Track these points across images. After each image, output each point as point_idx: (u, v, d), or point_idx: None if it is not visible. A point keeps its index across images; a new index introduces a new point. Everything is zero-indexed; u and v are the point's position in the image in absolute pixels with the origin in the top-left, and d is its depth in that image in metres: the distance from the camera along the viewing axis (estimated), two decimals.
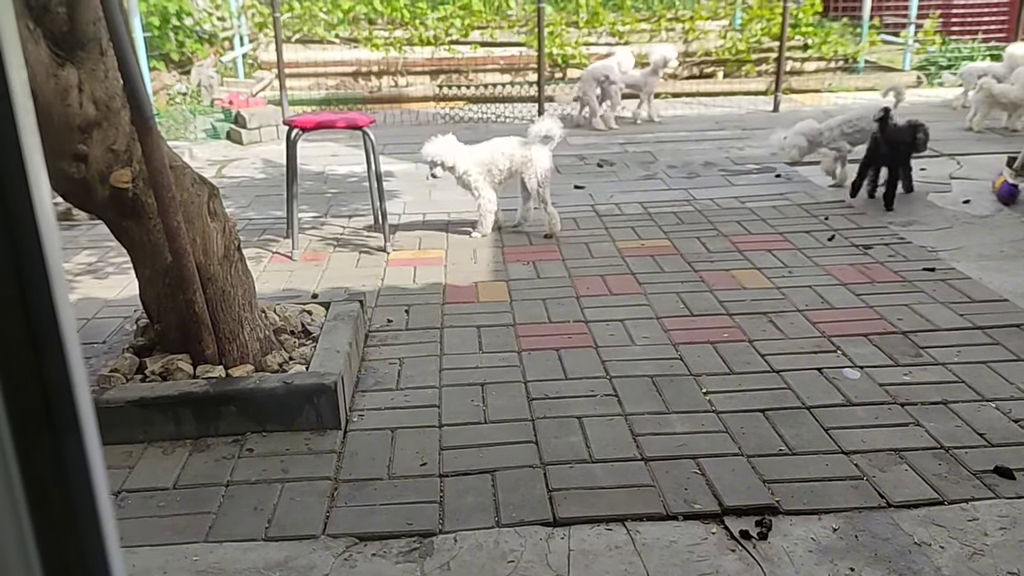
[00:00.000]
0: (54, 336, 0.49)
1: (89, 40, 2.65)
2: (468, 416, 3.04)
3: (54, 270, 0.49)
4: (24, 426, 0.49)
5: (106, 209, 2.94)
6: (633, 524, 2.43)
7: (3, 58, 0.45)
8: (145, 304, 3.20)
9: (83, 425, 0.50)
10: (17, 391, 0.49)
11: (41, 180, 0.49)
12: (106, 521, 0.52)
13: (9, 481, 0.49)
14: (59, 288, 0.49)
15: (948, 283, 4.14)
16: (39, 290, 0.48)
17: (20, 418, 0.49)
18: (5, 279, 0.47)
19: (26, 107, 0.47)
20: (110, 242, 4.25)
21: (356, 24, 10.51)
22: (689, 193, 5.86)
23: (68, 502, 0.51)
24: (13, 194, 0.47)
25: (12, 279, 0.47)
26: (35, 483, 0.50)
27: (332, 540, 2.40)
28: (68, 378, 0.49)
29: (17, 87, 0.46)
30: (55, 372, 0.49)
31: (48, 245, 0.48)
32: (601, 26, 10.64)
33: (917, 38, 10.40)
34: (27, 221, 0.47)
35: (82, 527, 0.52)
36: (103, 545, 0.52)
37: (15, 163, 0.47)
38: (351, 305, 3.60)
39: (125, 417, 2.87)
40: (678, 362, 3.41)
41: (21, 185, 0.47)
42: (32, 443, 0.49)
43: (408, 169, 6.68)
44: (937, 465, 2.68)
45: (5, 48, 0.46)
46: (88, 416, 0.51)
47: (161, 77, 8.95)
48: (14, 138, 0.46)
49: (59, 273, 0.49)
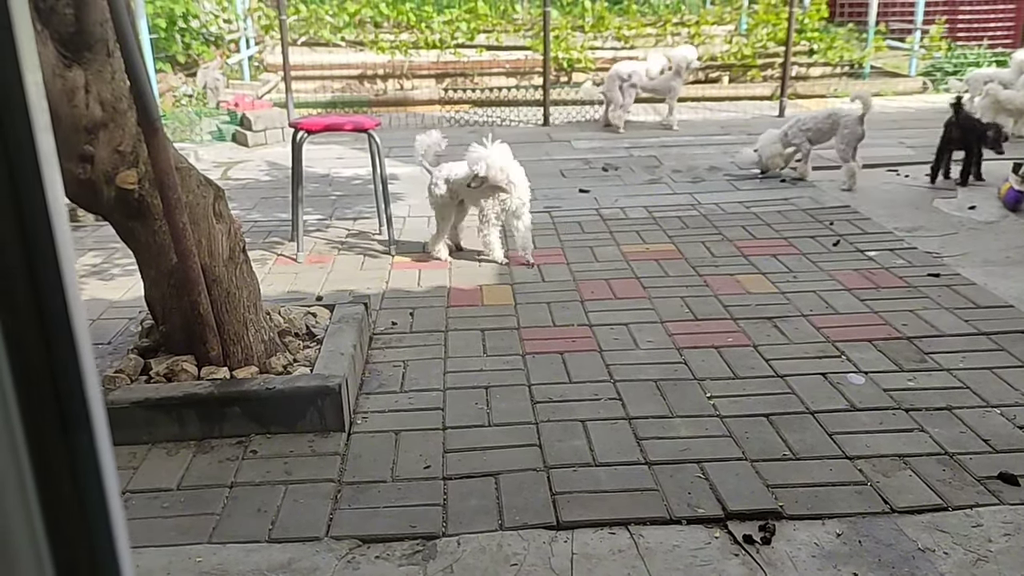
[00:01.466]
0: (67, 335, 0.49)
1: (96, 41, 2.67)
2: (472, 419, 3.05)
3: (67, 271, 0.49)
4: (37, 425, 0.49)
5: (112, 210, 2.94)
6: (636, 528, 2.43)
7: (19, 60, 0.46)
8: (150, 305, 3.20)
9: (95, 424, 0.50)
10: (30, 390, 0.49)
11: (56, 180, 0.49)
12: (117, 520, 0.52)
13: (22, 479, 0.50)
14: (72, 288, 0.49)
15: (953, 289, 4.13)
16: (52, 290, 0.48)
17: (33, 417, 0.49)
18: (19, 279, 0.48)
19: (41, 107, 0.48)
20: (115, 243, 4.26)
21: (362, 27, 10.54)
22: (694, 197, 5.86)
23: (80, 500, 0.51)
24: (28, 195, 0.47)
25: (26, 279, 0.48)
26: (48, 481, 0.50)
27: (335, 542, 2.41)
28: (81, 377, 0.50)
29: (32, 88, 0.47)
30: (68, 371, 0.49)
31: (62, 246, 0.49)
32: (607, 30, 10.65)
33: (923, 44, 10.39)
34: (41, 221, 0.48)
35: (94, 525, 0.52)
36: (114, 544, 0.53)
37: (30, 164, 0.47)
38: (355, 308, 3.60)
39: (129, 418, 2.88)
40: (682, 366, 3.40)
41: (36, 186, 0.47)
42: (45, 442, 0.49)
43: (413, 172, 6.69)
44: (941, 471, 2.67)
45: (21, 50, 0.46)
46: (100, 415, 0.51)
47: (167, 79, 8.98)
48: (29, 139, 0.46)
49: (72, 274, 0.50)
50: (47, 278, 0.48)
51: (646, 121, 8.49)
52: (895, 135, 7.51)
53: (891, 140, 7.25)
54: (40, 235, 0.48)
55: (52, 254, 0.48)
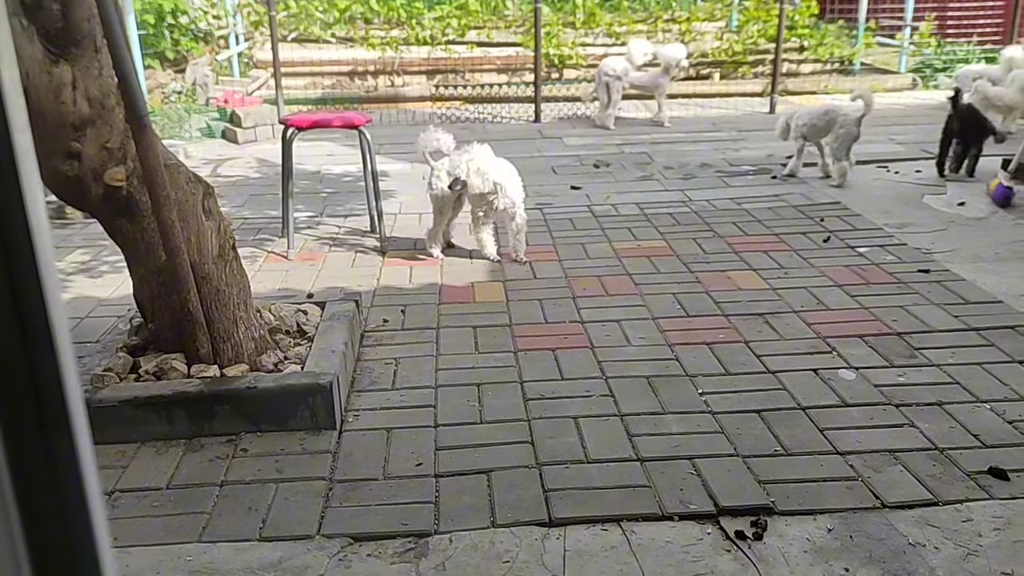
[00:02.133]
0: (44, 333, 0.48)
1: (83, 37, 2.64)
2: (464, 416, 3.04)
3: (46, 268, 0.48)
4: (13, 422, 0.48)
5: (100, 207, 2.92)
6: (629, 524, 2.43)
7: None
8: (139, 303, 3.18)
9: (73, 422, 0.50)
10: (7, 387, 0.48)
11: (33, 178, 0.48)
12: (97, 519, 0.52)
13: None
14: (50, 285, 0.48)
15: (943, 285, 4.14)
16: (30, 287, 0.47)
17: (9, 414, 0.48)
18: None
19: (18, 105, 0.46)
20: (104, 241, 4.24)
21: (352, 23, 10.50)
22: (685, 194, 5.87)
23: (58, 499, 0.50)
24: (3, 193, 0.46)
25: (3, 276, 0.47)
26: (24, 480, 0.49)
27: (327, 540, 2.40)
28: (59, 374, 0.49)
29: (9, 85, 0.46)
30: (45, 368, 0.48)
31: (40, 243, 0.48)
32: (598, 27, 10.65)
33: (913, 40, 10.43)
34: (18, 219, 0.47)
35: (72, 525, 0.51)
36: (94, 543, 0.52)
37: (6, 162, 0.46)
38: (347, 305, 3.59)
39: (118, 416, 2.86)
40: (674, 363, 3.40)
41: (12, 184, 0.46)
42: (22, 439, 0.48)
43: (404, 169, 6.68)
44: (931, 466, 2.68)
45: None
46: (79, 413, 0.50)
47: (156, 75, 8.94)
48: (6, 137, 0.45)
49: (51, 270, 0.49)
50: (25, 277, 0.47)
51: (636, 118, 8.50)
52: (885, 132, 7.53)
53: (881, 137, 7.27)
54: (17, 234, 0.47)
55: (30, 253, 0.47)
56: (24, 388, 0.48)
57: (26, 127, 0.49)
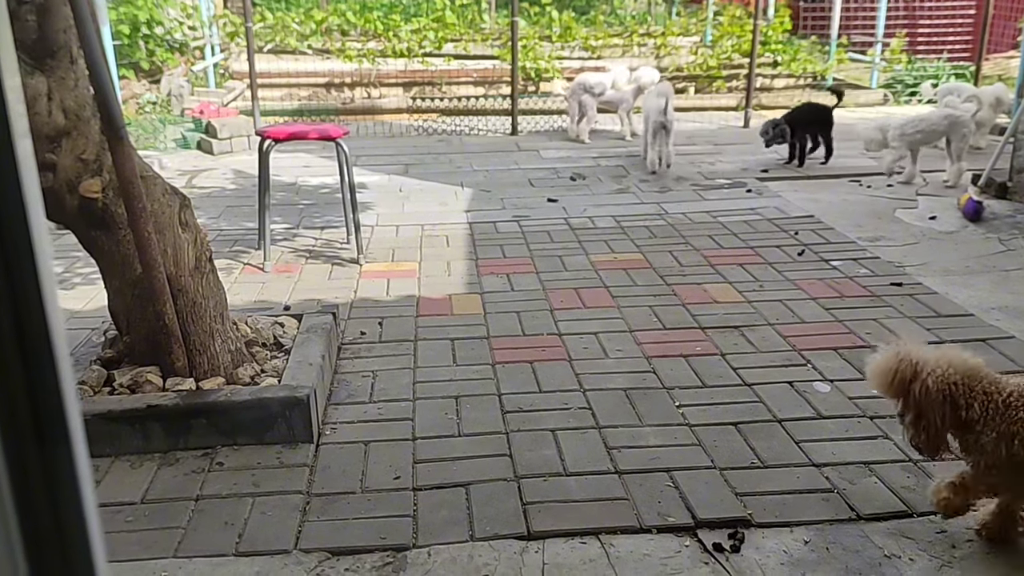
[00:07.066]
0: (45, 346, 0.48)
1: (59, 48, 2.62)
2: (442, 429, 3.03)
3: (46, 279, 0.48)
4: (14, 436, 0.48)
5: (75, 219, 2.89)
6: (607, 537, 2.43)
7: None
8: (114, 316, 3.15)
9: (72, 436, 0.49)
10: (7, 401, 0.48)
11: (34, 186, 0.48)
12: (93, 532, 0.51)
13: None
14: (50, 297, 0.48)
15: (915, 298, 4.20)
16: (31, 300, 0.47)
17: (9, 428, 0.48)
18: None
19: (20, 112, 0.46)
20: (77, 252, 4.19)
21: (329, 35, 10.49)
22: (662, 207, 5.91)
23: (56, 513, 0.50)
24: (6, 200, 0.46)
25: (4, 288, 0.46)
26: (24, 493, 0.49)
27: (304, 555, 2.38)
28: (59, 388, 0.48)
29: (11, 93, 0.46)
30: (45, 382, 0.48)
31: (40, 254, 0.47)
32: (574, 40, 10.72)
33: (884, 57, 10.59)
34: (20, 228, 0.47)
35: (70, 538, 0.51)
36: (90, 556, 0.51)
37: (9, 168, 0.46)
38: (324, 317, 3.58)
39: (92, 430, 2.82)
40: (651, 375, 3.42)
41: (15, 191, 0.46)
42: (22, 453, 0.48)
43: (381, 181, 6.67)
44: (906, 478, 2.71)
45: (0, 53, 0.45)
46: (77, 427, 0.50)
47: (131, 86, 8.87)
48: (8, 143, 0.45)
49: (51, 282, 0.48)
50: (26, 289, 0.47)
51: (612, 130, 8.54)
52: (857, 146, 7.62)
53: (853, 151, 7.37)
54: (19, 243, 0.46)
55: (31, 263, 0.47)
56: (23, 404, 0.48)
57: (27, 132, 0.49)
